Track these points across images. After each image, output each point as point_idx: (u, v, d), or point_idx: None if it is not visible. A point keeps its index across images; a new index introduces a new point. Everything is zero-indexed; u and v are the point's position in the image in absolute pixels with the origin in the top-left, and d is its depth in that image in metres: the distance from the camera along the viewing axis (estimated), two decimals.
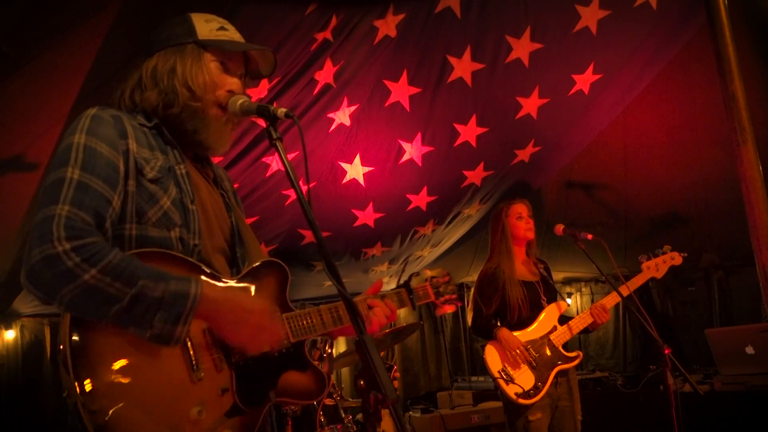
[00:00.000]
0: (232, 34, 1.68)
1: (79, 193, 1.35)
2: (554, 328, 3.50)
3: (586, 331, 3.58)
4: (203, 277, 1.45)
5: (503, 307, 3.54)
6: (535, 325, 3.51)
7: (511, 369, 3.40)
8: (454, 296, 2.06)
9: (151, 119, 1.58)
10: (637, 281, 3.54)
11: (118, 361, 1.31)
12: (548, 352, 3.43)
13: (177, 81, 1.57)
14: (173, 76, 1.58)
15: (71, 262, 1.28)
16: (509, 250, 3.62)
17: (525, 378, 3.37)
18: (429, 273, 2.04)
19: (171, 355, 1.37)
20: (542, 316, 3.53)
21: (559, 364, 3.42)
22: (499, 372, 3.40)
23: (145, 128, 1.56)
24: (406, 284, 1.96)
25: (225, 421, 1.42)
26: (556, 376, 3.41)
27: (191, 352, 1.40)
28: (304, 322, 1.64)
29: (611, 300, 3.51)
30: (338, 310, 1.71)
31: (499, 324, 3.53)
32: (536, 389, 3.35)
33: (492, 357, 3.46)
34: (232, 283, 1.56)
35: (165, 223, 1.48)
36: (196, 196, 1.58)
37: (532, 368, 3.40)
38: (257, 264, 1.62)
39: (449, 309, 2.07)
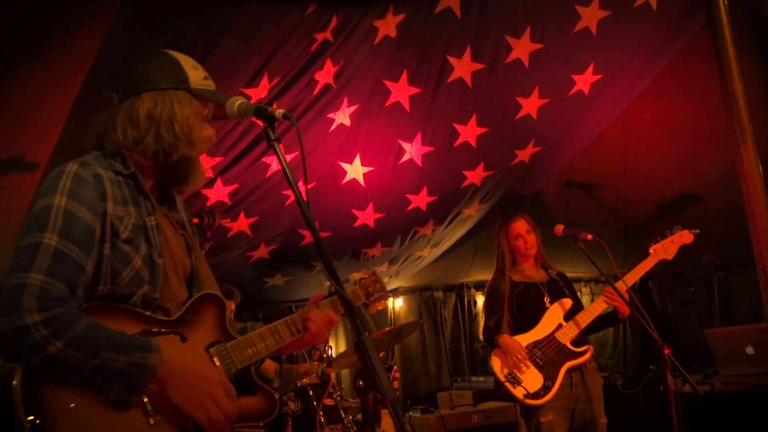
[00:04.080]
0: (212, 83, 1.72)
1: (54, 262, 1.37)
2: (560, 326, 3.50)
3: (613, 321, 3.55)
4: (163, 343, 1.48)
5: (511, 314, 3.59)
6: (539, 325, 3.51)
7: (518, 372, 3.40)
8: (383, 293, 2.20)
9: (129, 167, 1.58)
10: (644, 266, 3.52)
11: (72, 405, 1.35)
12: (555, 351, 3.43)
13: (178, 130, 1.59)
14: (173, 124, 1.59)
15: (39, 334, 1.31)
16: (513, 264, 3.70)
17: (533, 378, 3.36)
18: (356, 276, 2.16)
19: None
20: (546, 315, 3.53)
21: (569, 360, 3.41)
22: (505, 376, 3.40)
23: (120, 176, 1.56)
24: (337, 292, 2.04)
25: None
26: (570, 375, 3.40)
27: (145, 399, 1.44)
28: (248, 350, 1.68)
29: (629, 280, 3.48)
30: (278, 331, 1.76)
31: (507, 331, 3.56)
32: (546, 389, 3.33)
33: (497, 363, 3.47)
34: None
35: (136, 281, 1.51)
36: (165, 248, 1.61)
37: (539, 368, 3.39)
38: (194, 298, 1.65)
39: (381, 306, 2.21)
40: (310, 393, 3.58)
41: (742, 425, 4.22)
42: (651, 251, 3.55)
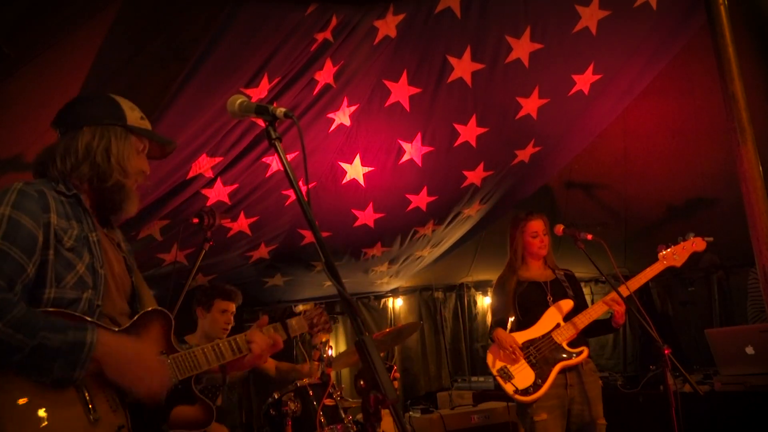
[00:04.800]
0: (148, 123, 1.94)
1: None
2: (557, 326, 3.50)
3: (609, 329, 3.55)
4: (101, 330, 1.62)
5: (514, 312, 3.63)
6: (537, 324, 3.52)
7: (511, 367, 3.41)
8: (327, 325, 2.42)
9: (71, 189, 1.76)
10: (651, 272, 3.51)
11: (20, 412, 1.45)
12: (550, 349, 3.43)
13: (113, 159, 1.79)
14: (108, 154, 1.79)
15: None
16: (520, 262, 3.74)
17: (525, 375, 3.38)
18: (302, 308, 2.30)
19: (69, 401, 1.53)
20: (546, 314, 3.53)
21: (562, 361, 3.41)
22: (498, 371, 3.42)
23: (63, 197, 1.74)
24: (281, 319, 2.26)
25: None
26: (564, 375, 3.40)
27: (87, 396, 1.56)
28: (189, 361, 1.84)
29: (633, 285, 3.48)
30: (219, 347, 1.92)
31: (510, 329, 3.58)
32: (536, 386, 3.34)
33: (492, 358, 3.51)
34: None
35: (80, 286, 1.66)
36: (105, 261, 1.78)
37: (532, 365, 3.40)
38: (142, 313, 1.81)
39: (323, 336, 2.54)
40: (310, 393, 3.58)
41: (742, 425, 4.22)
42: (660, 257, 3.54)
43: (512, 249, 3.79)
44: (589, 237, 3.48)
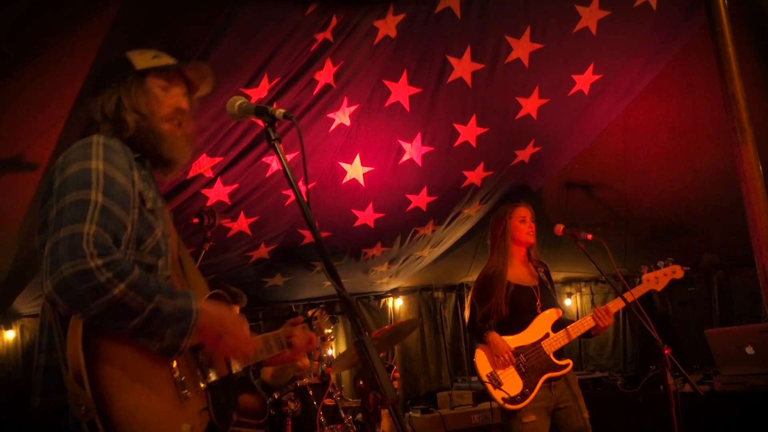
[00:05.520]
0: (167, 59, 1.81)
1: (103, 216, 1.43)
2: (546, 335, 3.48)
3: (588, 335, 3.55)
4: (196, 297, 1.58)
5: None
6: (527, 330, 3.49)
7: (500, 373, 3.39)
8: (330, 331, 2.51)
9: (134, 151, 1.66)
10: (636, 292, 3.52)
11: (125, 382, 1.41)
12: (538, 359, 3.42)
13: (124, 109, 1.68)
14: (120, 106, 1.68)
15: (104, 277, 1.35)
16: (507, 252, 3.61)
17: (513, 383, 3.36)
18: (314, 312, 2.46)
19: (163, 378, 1.50)
20: (535, 322, 3.50)
21: (549, 372, 3.40)
22: (487, 376, 3.39)
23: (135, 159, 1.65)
24: (308, 321, 2.34)
25: None
26: (547, 382, 3.40)
27: (177, 374, 1.54)
28: None
29: (616, 305, 3.47)
30: (269, 340, 1.95)
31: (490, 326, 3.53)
32: (523, 395, 3.32)
33: (481, 360, 3.44)
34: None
35: (156, 251, 1.60)
36: (170, 230, 1.73)
37: (521, 374, 3.38)
38: (213, 292, 1.78)
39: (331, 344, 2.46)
40: (310, 393, 3.57)
41: (742, 425, 4.23)
42: (643, 279, 3.59)
43: (495, 237, 3.66)
44: (589, 237, 3.46)
